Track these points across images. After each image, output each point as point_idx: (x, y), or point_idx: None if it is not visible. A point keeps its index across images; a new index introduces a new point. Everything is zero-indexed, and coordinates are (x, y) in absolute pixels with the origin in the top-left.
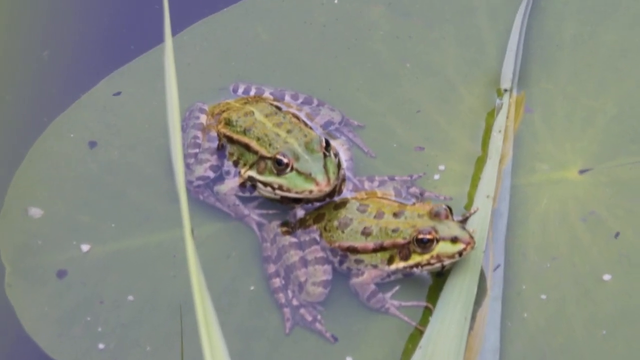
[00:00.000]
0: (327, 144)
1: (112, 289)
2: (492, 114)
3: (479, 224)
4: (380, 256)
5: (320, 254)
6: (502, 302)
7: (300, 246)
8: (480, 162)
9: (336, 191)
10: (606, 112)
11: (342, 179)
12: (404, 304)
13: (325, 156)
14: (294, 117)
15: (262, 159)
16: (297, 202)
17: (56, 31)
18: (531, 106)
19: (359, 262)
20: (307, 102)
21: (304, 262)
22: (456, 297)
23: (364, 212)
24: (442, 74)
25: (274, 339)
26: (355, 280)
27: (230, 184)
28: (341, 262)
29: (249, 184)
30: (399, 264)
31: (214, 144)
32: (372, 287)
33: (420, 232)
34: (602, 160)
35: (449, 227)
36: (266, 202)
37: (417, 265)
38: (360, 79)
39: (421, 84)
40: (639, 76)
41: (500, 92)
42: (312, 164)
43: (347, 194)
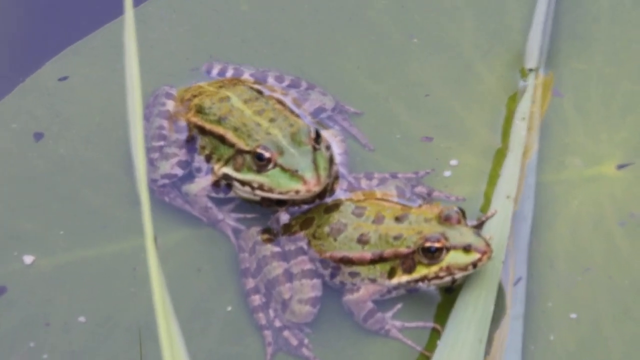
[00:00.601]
0: (317, 135)
1: (61, 309)
2: (514, 98)
3: (497, 229)
4: (379, 268)
5: (308, 266)
6: (524, 322)
7: (284, 257)
8: (499, 155)
9: (327, 191)
10: None
11: (334, 177)
12: (408, 325)
13: (314, 149)
14: (278, 102)
15: (240, 153)
16: (280, 204)
17: None
18: (561, 89)
19: (354, 275)
20: (294, 85)
21: (289, 276)
22: (469, 316)
23: (360, 216)
24: (456, 50)
25: None
26: (349, 297)
27: (201, 183)
28: (333, 276)
29: (224, 183)
30: (401, 278)
31: (183, 136)
32: (370, 305)
33: (427, 239)
34: None
35: (462, 234)
36: (244, 205)
37: (423, 278)
38: (358, 56)
39: (431, 62)
40: None
41: (524, 72)
42: (299, 159)
43: (340, 194)
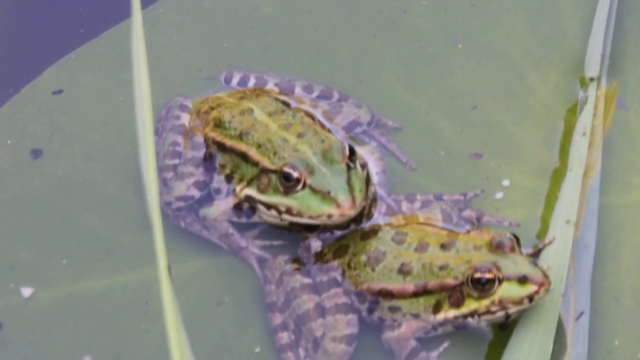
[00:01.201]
0: (352, 152)
1: (63, 348)
2: (573, 112)
3: (556, 258)
4: (423, 302)
5: (342, 300)
6: None
7: (315, 289)
8: (557, 175)
9: (364, 215)
10: None
11: (371, 199)
12: None
13: (349, 168)
14: (307, 116)
15: (265, 172)
16: (311, 230)
17: None
18: (626, 101)
19: (394, 310)
20: (324, 96)
21: (321, 311)
22: (525, 356)
23: (401, 243)
24: (506, 57)
25: None
26: (389, 334)
27: (221, 206)
28: (371, 311)
29: (247, 206)
30: (448, 313)
31: (200, 153)
32: (413, 343)
33: (477, 269)
34: None
35: (516, 263)
36: (270, 231)
37: (472, 314)
38: (395, 65)
39: (478, 72)
40: None
41: (584, 81)
42: (332, 179)
43: (378, 218)
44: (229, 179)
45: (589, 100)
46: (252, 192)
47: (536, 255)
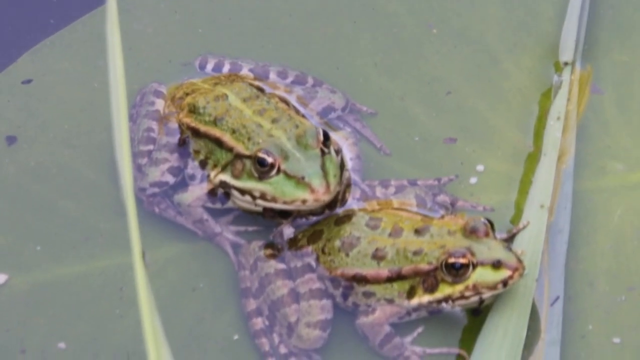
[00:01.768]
0: (326, 138)
1: (38, 334)
2: (547, 96)
3: (530, 243)
4: (397, 287)
5: (316, 285)
6: (562, 348)
7: (289, 275)
8: (531, 160)
9: (338, 200)
10: None
11: (346, 184)
12: (430, 351)
13: (323, 153)
14: (282, 101)
15: (239, 158)
16: (285, 215)
17: None
18: (600, 85)
19: (368, 295)
20: (299, 81)
21: (295, 296)
22: (499, 341)
23: (375, 228)
24: (481, 42)
25: None
26: (363, 319)
27: (195, 192)
28: (345, 296)
29: (221, 192)
30: (422, 298)
31: (174, 139)
32: (387, 328)
33: (451, 254)
34: None
35: (490, 248)
36: (244, 216)
37: (446, 299)
38: (370, 50)
39: (452, 56)
40: None
41: (558, 66)
42: (306, 164)
43: (352, 204)
44: (204, 164)
45: (563, 84)
46: (226, 177)
47: (510, 240)
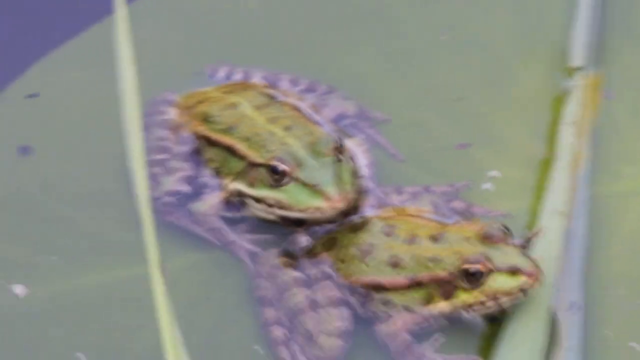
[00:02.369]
0: (340, 145)
1: (57, 344)
2: (559, 102)
3: (546, 249)
4: (414, 295)
5: (334, 293)
6: (581, 354)
7: (306, 283)
8: (545, 165)
9: (353, 208)
10: None
11: (360, 192)
12: (448, 358)
13: (337, 161)
14: (294, 109)
15: (252, 166)
16: (300, 223)
17: None
18: (613, 90)
19: (386, 303)
20: (311, 88)
21: (313, 305)
22: (518, 348)
23: (391, 235)
24: (491, 47)
25: None
26: (382, 327)
27: (210, 201)
28: (363, 304)
29: (236, 200)
30: (440, 305)
31: (187, 148)
32: (405, 336)
33: (467, 260)
34: None
35: (506, 254)
36: (260, 225)
37: (464, 306)
38: (381, 57)
39: (463, 63)
40: None
41: (570, 71)
42: (320, 172)
43: (367, 211)
44: (218, 173)
45: (575, 89)
46: (240, 186)
47: (526, 246)
